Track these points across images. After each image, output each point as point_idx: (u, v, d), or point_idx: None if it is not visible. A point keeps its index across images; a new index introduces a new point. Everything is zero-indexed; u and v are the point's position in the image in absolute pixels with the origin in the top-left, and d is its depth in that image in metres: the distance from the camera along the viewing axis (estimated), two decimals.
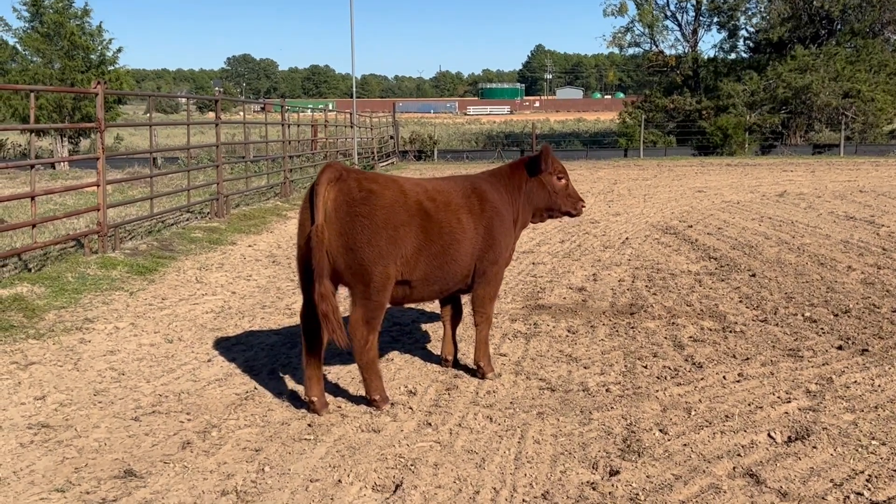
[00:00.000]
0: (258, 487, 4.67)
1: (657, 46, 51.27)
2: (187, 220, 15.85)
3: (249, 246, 13.66)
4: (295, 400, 6.07)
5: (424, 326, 8.19)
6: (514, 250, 6.76)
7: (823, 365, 6.78)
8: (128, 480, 4.75)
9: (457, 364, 6.86)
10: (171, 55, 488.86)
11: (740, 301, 9.14)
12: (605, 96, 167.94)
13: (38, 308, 8.66)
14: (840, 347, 7.27)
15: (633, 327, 8.05)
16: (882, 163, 33.03)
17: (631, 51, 53.48)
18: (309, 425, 5.61)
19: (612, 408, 5.83)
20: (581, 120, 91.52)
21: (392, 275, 5.68)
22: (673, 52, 51.11)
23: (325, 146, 27.48)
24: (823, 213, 16.82)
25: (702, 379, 6.46)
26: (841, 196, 20.10)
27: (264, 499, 4.53)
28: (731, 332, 7.86)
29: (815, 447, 5.11)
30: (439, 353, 6.97)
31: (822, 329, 7.90)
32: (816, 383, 6.30)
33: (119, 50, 39.51)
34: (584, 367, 6.81)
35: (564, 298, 9.37)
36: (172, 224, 15.26)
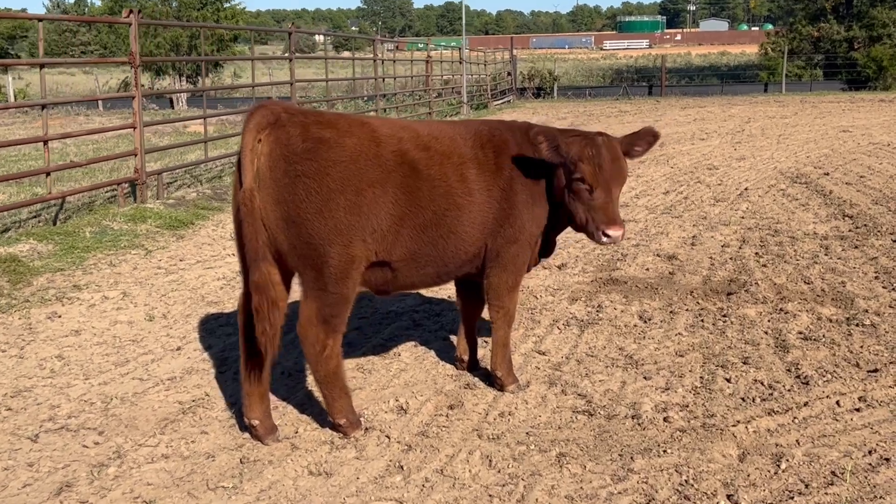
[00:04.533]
0: None
1: None
2: None
3: None
4: None
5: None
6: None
7: None
8: None
9: (475, 366, 5.24)
10: None
11: (876, 277, 7.10)
12: (753, 28, 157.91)
13: (30, 271, 7.55)
14: None
15: (725, 315, 6.19)
16: None
17: None
18: (240, 461, 4.15)
19: (665, 451, 4.11)
20: (725, 53, 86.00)
21: (358, 256, 4.11)
22: None
23: (431, 83, 25.73)
24: None
25: (805, 404, 4.61)
26: None
27: None
28: (857, 324, 5.90)
29: None
30: None
31: None
32: None
33: None
34: (645, 378, 5.06)
35: (647, 270, 7.53)
36: None
